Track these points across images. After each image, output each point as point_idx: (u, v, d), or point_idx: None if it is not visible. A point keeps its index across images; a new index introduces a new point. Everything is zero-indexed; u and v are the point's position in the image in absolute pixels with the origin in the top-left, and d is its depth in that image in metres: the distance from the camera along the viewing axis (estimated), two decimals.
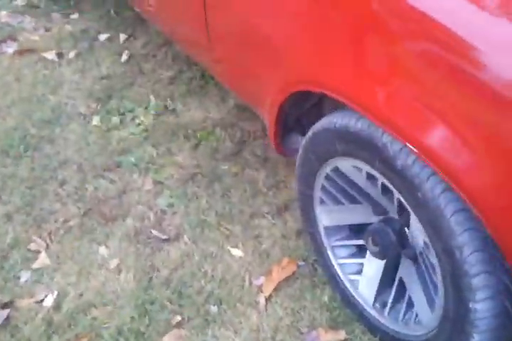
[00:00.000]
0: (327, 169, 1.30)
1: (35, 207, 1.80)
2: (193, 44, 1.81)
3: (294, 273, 1.54)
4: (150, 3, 1.93)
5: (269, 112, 1.39)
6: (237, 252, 1.62)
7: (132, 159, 1.95)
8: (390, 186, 1.14)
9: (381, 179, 1.16)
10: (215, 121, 2.05)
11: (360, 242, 1.38)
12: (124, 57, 2.36)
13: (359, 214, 1.36)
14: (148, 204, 1.80)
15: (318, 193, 1.39)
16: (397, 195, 1.14)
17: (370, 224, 1.32)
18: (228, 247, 1.64)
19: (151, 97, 2.17)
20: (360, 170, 1.21)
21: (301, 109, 1.35)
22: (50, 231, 1.73)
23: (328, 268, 1.48)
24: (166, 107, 2.14)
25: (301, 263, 1.56)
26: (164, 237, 1.68)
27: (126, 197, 1.83)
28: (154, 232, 1.70)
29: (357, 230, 1.42)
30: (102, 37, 2.48)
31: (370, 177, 1.20)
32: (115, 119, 2.11)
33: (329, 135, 1.22)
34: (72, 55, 2.41)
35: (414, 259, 1.26)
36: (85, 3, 2.74)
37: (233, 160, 1.92)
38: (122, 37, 2.45)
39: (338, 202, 1.37)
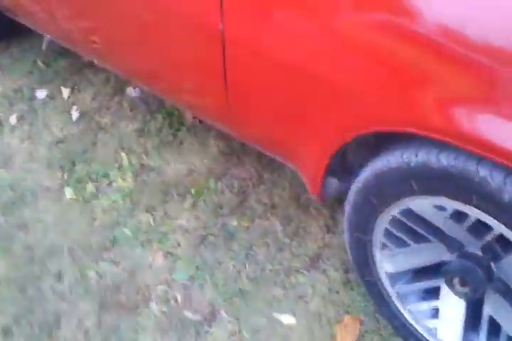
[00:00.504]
0: (394, 211, 1.20)
1: (36, 313, 1.55)
2: (198, 102, 1.62)
3: (359, 331, 1.44)
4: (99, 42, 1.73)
5: (315, 161, 1.27)
6: (288, 319, 1.48)
7: (127, 231, 1.74)
8: (491, 221, 1.05)
9: (477, 215, 1.07)
10: (204, 173, 1.89)
11: (429, 284, 1.31)
12: (75, 114, 2.11)
13: (428, 254, 1.27)
14: (166, 281, 1.61)
15: (378, 238, 1.29)
16: (498, 230, 1.06)
17: (440, 263, 1.25)
18: (276, 315, 1.50)
19: (123, 155, 1.96)
20: (443, 208, 1.12)
21: (357, 153, 1.24)
22: (65, 339, 1.49)
23: (395, 318, 1.39)
24: (142, 165, 1.94)
25: (363, 317, 1.47)
26: (200, 318, 1.51)
27: (138, 278, 1.62)
28: (187, 314, 1.52)
29: (420, 271, 1.34)
30: (41, 94, 2.21)
31: (455, 214, 1.12)
32: (90, 187, 1.88)
33: (401, 175, 1.11)
34: (13, 120, 2.12)
35: (505, 293, 1.20)
36: (3, 58, 2.43)
37: (240, 213, 1.77)
38: (65, 91, 2.19)
39: (403, 244, 1.28)
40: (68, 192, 1.87)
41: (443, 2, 0.98)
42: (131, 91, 2.16)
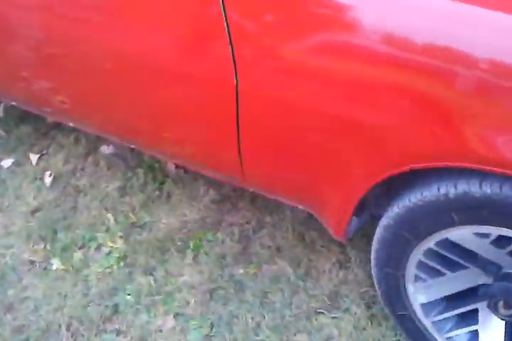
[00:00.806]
0: (430, 243, 1.16)
1: None
2: (205, 156, 1.52)
3: None
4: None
5: (342, 205, 1.21)
6: None
7: (128, 297, 1.60)
8: None
9: None
10: (199, 223, 1.79)
11: (465, 309, 1.25)
12: (48, 179, 1.98)
13: (464, 280, 1.22)
14: None
15: (411, 271, 1.23)
16: None
17: (474, 287, 1.20)
18: None
19: (108, 216, 1.84)
20: (484, 235, 1.08)
21: (385, 191, 1.19)
22: None
23: None
24: (132, 224, 1.82)
25: None
26: None
27: None
28: None
29: (453, 297, 1.28)
30: (6, 163, 2.06)
31: (497, 239, 1.08)
32: (78, 255, 1.73)
33: (439, 207, 1.07)
34: None
35: None
36: None
37: (245, 261, 1.67)
38: (33, 157, 2.06)
39: (437, 274, 1.23)
40: (55, 263, 1.71)
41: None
42: (104, 149, 2.06)
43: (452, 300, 1.27)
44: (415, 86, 1.00)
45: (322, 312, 1.52)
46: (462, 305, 1.26)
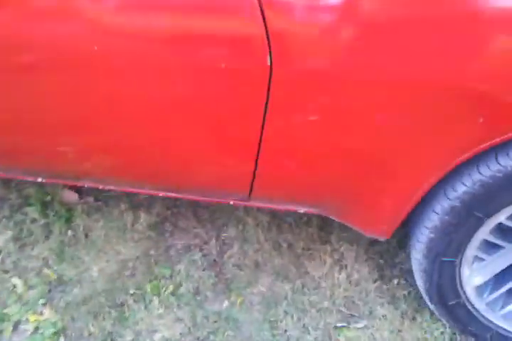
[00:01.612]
0: (501, 218, 1.01)
1: None
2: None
3: None
4: None
5: (394, 211, 0.99)
6: None
7: None
8: None
9: None
10: (143, 259, 1.38)
11: None
12: None
13: None
14: None
15: (471, 253, 1.08)
16: None
17: None
18: None
19: (14, 281, 1.32)
20: None
21: None
22: None
23: (487, 330, 1.19)
24: (52, 283, 1.33)
25: None
26: None
27: None
28: None
29: (499, 275, 1.15)
30: None
31: None
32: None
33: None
34: None
35: None
36: None
37: (224, 289, 1.33)
38: None
39: (496, 249, 1.08)
40: None
41: None
42: None
43: (499, 277, 1.16)
44: None
45: (344, 326, 1.27)
46: (510, 280, 1.15)
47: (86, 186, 1.23)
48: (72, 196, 1.54)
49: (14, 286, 1.32)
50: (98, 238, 1.43)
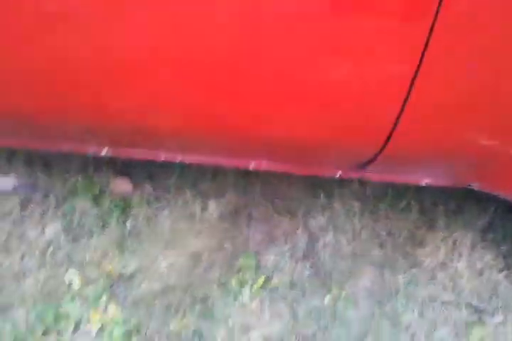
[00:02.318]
0: None
1: None
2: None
3: None
4: None
5: None
6: None
7: None
8: None
9: None
10: (223, 251, 1.16)
11: None
12: None
13: None
14: None
15: None
16: None
17: None
18: None
19: (71, 273, 1.08)
20: None
21: None
22: None
23: None
24: (116, 277, 1.09)
25: None
26: None
27: None
28: None
29: None
30: None
31: None
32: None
33: None
34: None
35: None
36: None
37: (324, 284, 1.10)
38: None
39: None
40: None
41: None
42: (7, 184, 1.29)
43: None
44: None
45: (476, 321, 1.04)
46: None
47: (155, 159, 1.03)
48: (125, 186, 1.33)
49: (70, 281, 1.09)
50: (163, 229, 1.21)
